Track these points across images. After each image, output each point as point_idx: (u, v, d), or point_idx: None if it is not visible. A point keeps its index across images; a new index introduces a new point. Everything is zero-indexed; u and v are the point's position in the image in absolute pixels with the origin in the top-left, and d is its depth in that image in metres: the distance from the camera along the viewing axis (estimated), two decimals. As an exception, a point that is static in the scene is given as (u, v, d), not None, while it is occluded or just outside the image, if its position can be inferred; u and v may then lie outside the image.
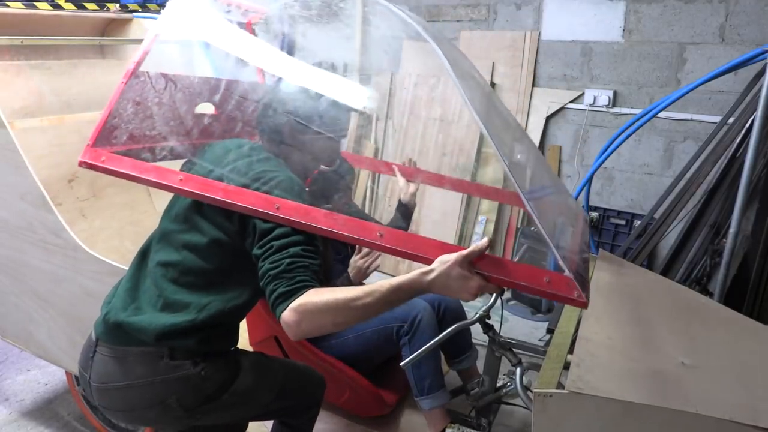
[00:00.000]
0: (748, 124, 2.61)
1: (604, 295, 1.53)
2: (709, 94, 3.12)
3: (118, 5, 2.90)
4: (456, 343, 2.12)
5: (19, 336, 2.25)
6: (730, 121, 2.78)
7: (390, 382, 2.12)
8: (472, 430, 1.92)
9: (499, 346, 1.72)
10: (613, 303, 1.52)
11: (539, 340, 3.11)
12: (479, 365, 2.02)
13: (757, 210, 2.76)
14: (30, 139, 2.38)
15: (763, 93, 2.36)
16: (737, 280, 2.63)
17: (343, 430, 2.05)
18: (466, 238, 3.87)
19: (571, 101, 3.57)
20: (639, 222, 3.22)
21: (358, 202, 4.17)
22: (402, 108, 4.09)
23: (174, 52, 1.74)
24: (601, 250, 1.90)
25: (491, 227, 3.80)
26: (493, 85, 3.79)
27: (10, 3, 2.51)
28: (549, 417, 1.18)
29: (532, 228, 3.61)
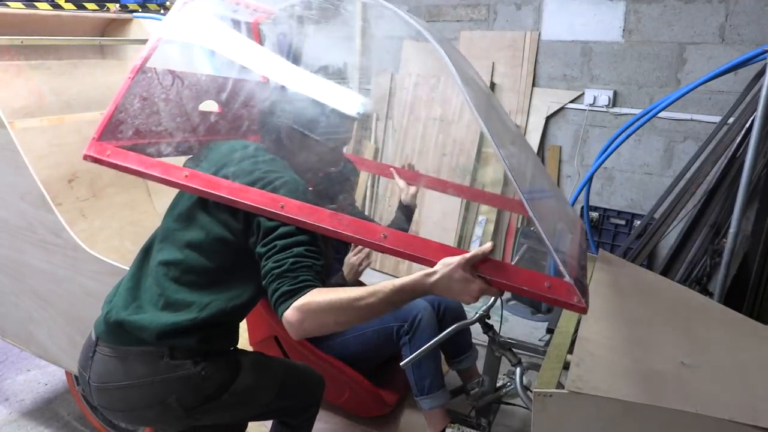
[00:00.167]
0: (748, 124, 2.61)
1: (604, 295, 1.53)
2: (709, 94, 3.12)
3: (118, 5, 2.90)
4: (456, 343, 2.12)
5: (19, 336, 2.25)
6: (730, 121, 2.78)
7: (390, 382, 2.12)
8: (472, 430, 1.92)
9: (499, 346, 1.72)
10: (613, 303, 1.52)
11: (539, 340, 3.11)
12: (479, 365, 2.03)
13: (757, 210, 2.76)
14: (30, 139, 2.38)
15: (763, 93, 2.36)
16: (737, 280, 2.63)
17: (343, 430, 2.05)
18: (466, 238, 3.87)
19: (571, 101, 3.57)
20: (639, 222, 3.22)
21: (358, 203, 4.18)
22: (402, 108, 4.09)
23: (179, 50, 1.74)
24: (601, 250, 1.90)
25: (491, 227, 3.80)
26: (493, 85, 3.79)
27: (10, 3, 2.51)
28: (549, 417, 1.18)
29: (532, 228, 3.61)
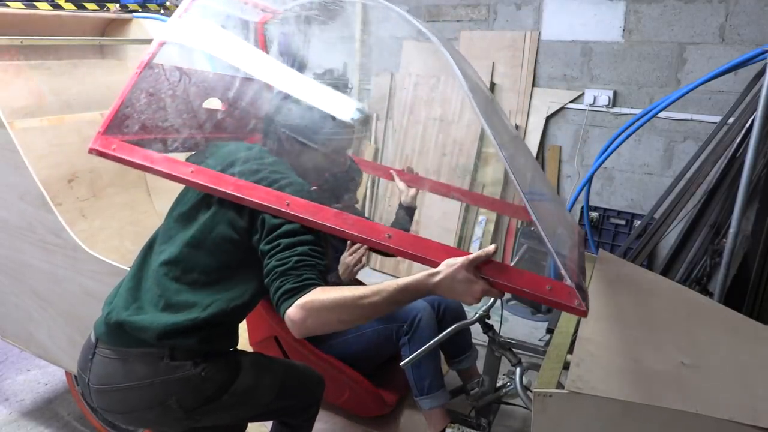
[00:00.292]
0: (748, 124, 2.61)
1: (604, 295, 1.53)
2: (709, 94, 3.12)
3: (118, 5, 2.90)
4: (456, 343, 2.12)
5: (19, 336, 2.25)
6: (730, 121, 2.78)
7: (390, 382, 2.12)
8: (472, 430, 1.92)
9: (499, 346, 1.72)
10: (614, 303, 1.52)
11: (539, 340, 3.11)
12: (479, 365, 2.03)
13: (757, 210, 2.76)
14: (30, 139, 2.38)
15: (763, 93, 2.36)
16: (737, 280, 2.63)
17: (343, 430, 2.05)
18: (466, 238, 3.87)
19: (571, 101, 3.57)
20: (639, 222, 3.22)
21: (358, 204, 4.17)
22: (402, 108, 4.09)
23: (185, 48, 1.73)
24: (601, 250, 1.90)
25: (491, 227, 3.80)
26: (493, 85, 3.79)
27: (10, 3, 2.51)
28: (549, 417, 1.18)
29: (532, 228, 3.61)
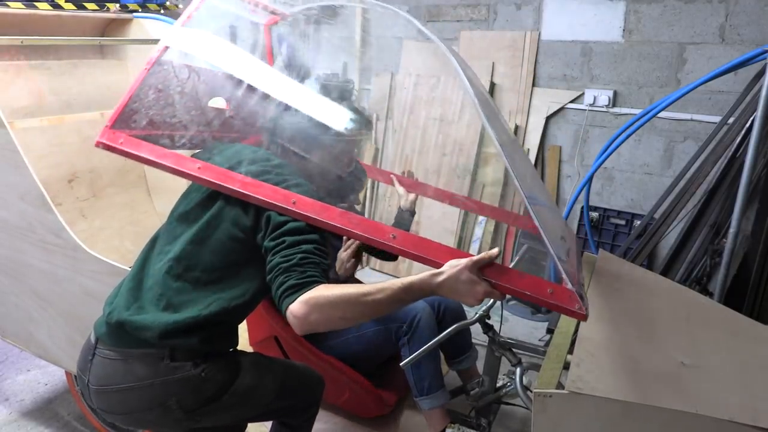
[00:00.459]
0: (748, 124, 2.61)
1: (604, 295, 1.53)
2: (709, 94, 3.12)
3: (118, 5, 2.90)
4: (456, 343, 2.12)
5: (19, 336, 2.25)
6: (730, 121, 2.77)
7: (390, 382, 2.12)
8: (472, 430, 1.92)
9: (499, 346, 1.72)
10: (613, 303, 1.52)
11: (539, 340, 3.11)
12: (479, 365, 2.03)
13: (757, 210, 2.76)
14: (30, 139, 2.39)
15: (763, 93, 2.36)
16: (737, 280, 2.63)
17: (343, 430, 2.05)
18: (466, 238, 3.87)
19: (571, 101, 3.57)
20: (639, 222, 3.22)
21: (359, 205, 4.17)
22: (402, 108, 4.09)
23: (191, 48, 1.74)
24: (601, 250, 1.90)
25: (491, 227, 3.80)
26: (493, 85, 3.79)
27: (10, 3, 2.50)
28: (549, 417, 1.18)
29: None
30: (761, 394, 1.20)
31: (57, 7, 2.66)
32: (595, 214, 3.57)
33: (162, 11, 3.05)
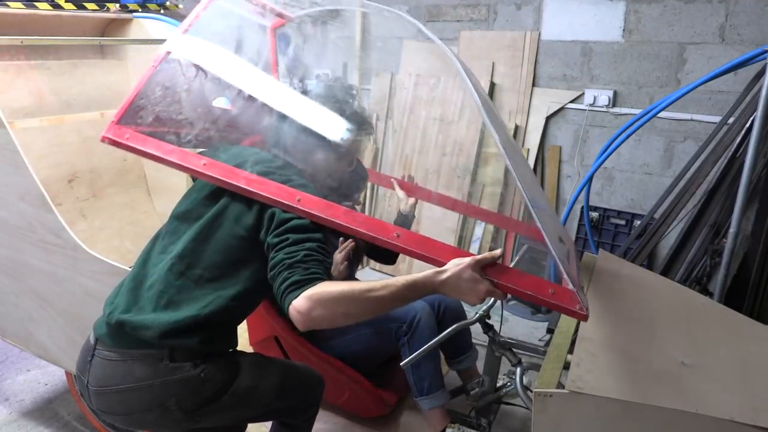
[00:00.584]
0: (748, 124, 2.61)
1: (604, 295, 1.53)
2: (709, 94, 3.12)
3: (118, 5, 2.90)
4: (456, 343, 2.12)
5: (19, 336, 2.25)
6: (730, 121, 2.77)
7: (390, 382, 2.12)
8: (472, 430, 1.92)
9: (499, 346, 1.72)
10: (613, 303, 1.52)
11: (539, 340, 3.11)
12: (479, 365, 2.03)
13: (757, 210, 2.76)
14: (30, 139, 2.39)
15: (763, 93, 2.36)
16: (737, 280, 2.63)
17: (343, 430, 2.05)
18: (466, 238, 3.87)
19: (571, 101, 3.57)
20: (639, 222, 3.22)
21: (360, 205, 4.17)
22: (402, 108, 4.09)
23: (196, 49, 1.74)
24: (601, 250, 1.90)
25: (491, 227, 3.80)
26: (493, 85, 3.79)
27: (10, 3, 2.51)
28: (549, 417, 1.18)
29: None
30: (761, 394, 1.20)
31: (57, 7, 2.66)
32: (595, 214, 3.57)
33: (162, 11, 3.05)
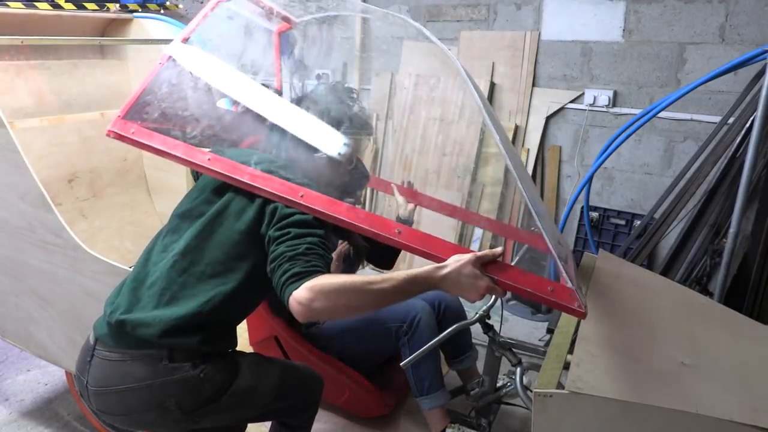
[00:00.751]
0: (748, 124, 2.61)
1: (604, 295, 1.53)
2: (709, 94, 3.12)
3: (118, 5, 2.90)
4: (456, 343, 2.12)
5: (19, 336, 2.25)
6: (730, 121, 2.77)
7: (390, 382, 2.12)
8: (472, 430, 1.92)
9: (499, 346, 1.72)
10: (613, 303, 1.52)
11: (539, 340, 3.11)
12: (479, 365, 2.03)
13: (757, 210, 2.76)
14: (30, 139, 2.39)
15: (763, 93, 2.36)
16: (737, 280, 2.63)
17: (343, 430, 2.05)
18: (466, 237, 3.87)
19: (571, 101, 3.57)
20: (639, 222, 3.22)
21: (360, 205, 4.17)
22: (402, 108, 4.09)
23: (199, 53, 1.75)
24: (601, 250, 1.90)
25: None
26: (493, 85, 3.79)
27: (10, 3, 2.51)
28: (549, 417, 1.18)
29: (533, 228, 3.61)
30: (761, 394, 1.20)
31: (57, 7, 2.67)
32: (595, 214, 3.57)
33: (162, 11, 3.05)
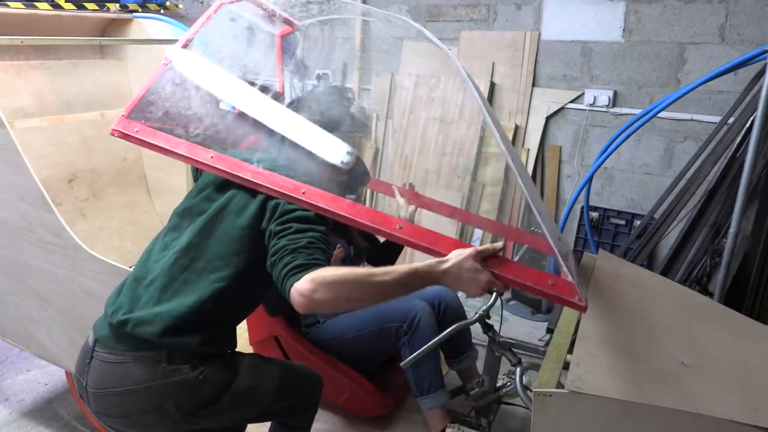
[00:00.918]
0: (748, 124, 2.61)
1: (604, 295, 1.53)
2: (709, 94, 3.12)
3: (118, 5, 2.90)
4: (456, 343, 2.12)
5: (19, 336, 2.25)
6: (730, 121, 2.77)
7: (390, 382, 2.12)
8: (472, 430, 1.92)
9: (499, 346, 1.72)
10: (613, 303, 1.52)
11: (539, 340, 3.11)
12: (479, 365, 2.03)
13: (757, 210, 2.76)
14: (30, 139, 2.39)
15: (763, 93, 2.36)
16: (737, 280, 2.63)
17: (343, 430, 2.05)
18: (467, 236, 3.87)
19: (571, 101, 3.57)
20: (639, 222, 3.22)
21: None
22: (402, 108, 4.09)
23: (201, 56, 1.76)
24: (601, 250, 1.90)
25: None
26: (493, 85, 3.79)
27: (10, 3, 2.51)
28: (549, 417, 1.18)
29: (533, 229, 3.61)
30: (761, 394, 1.20)
31: (57, 7, 2.67)
32: (595, 214, 3.57)
33: (162, 11, 3.05)
